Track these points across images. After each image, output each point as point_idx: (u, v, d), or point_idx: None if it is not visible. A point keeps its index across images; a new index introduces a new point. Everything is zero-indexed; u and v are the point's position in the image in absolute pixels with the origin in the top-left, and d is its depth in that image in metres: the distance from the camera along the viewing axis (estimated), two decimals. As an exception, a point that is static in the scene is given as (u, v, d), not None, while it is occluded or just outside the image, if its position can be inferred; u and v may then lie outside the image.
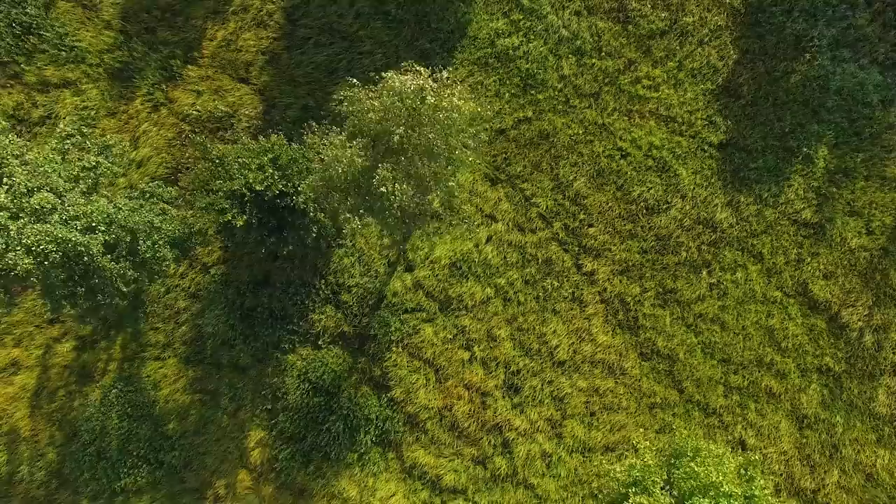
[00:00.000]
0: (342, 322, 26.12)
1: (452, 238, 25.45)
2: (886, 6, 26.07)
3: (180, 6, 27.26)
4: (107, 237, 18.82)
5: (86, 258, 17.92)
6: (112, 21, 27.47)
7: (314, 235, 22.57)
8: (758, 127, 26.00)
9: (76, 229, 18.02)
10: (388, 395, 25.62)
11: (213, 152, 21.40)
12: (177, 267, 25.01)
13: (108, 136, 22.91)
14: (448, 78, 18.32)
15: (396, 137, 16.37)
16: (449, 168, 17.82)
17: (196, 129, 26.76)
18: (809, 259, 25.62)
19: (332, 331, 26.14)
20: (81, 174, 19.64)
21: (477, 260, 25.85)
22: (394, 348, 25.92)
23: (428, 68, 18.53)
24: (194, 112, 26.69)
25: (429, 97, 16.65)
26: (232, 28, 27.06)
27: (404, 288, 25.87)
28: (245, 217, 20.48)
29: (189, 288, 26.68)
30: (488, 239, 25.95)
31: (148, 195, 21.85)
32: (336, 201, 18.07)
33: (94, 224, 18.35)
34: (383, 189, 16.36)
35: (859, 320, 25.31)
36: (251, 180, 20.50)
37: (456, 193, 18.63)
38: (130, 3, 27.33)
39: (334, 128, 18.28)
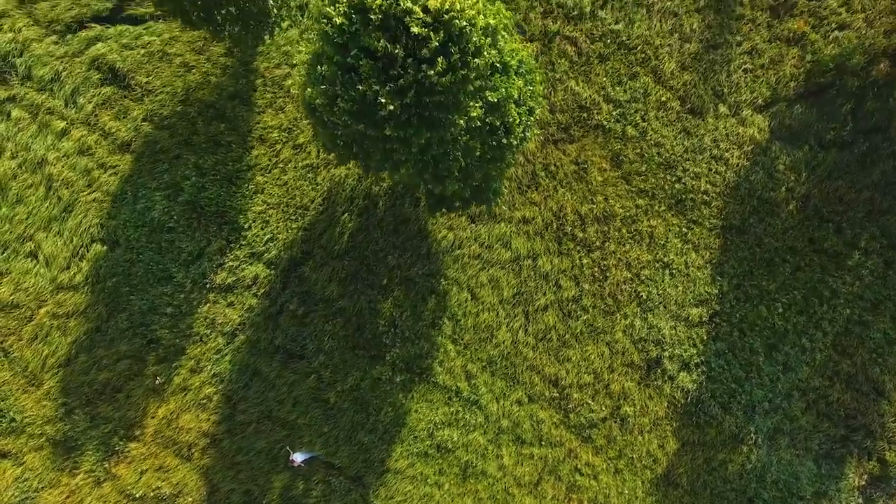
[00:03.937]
0: None
1: None
2: (819, 397, 26.11)
3: (120, 382, 26.95)
4: None
5: None
6: (52, 392, 27.23)
7: None
8: (694, 516, 26.41)
9: None
10: None
11: None
12: None
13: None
14: None
15: None
16: None
17: (141, 510, 26.97)
18: None
19: None
20: None
21: None
22: None
23: None
24: (138, 493, 26.81)
25: None
26: (172, 407, 26.89)
27: None
28: None
29: None
30: None
31: None
32: None
33: None
34: None
35: None
36: None
37: None
38: (71, 376, 27.03)
39: None
